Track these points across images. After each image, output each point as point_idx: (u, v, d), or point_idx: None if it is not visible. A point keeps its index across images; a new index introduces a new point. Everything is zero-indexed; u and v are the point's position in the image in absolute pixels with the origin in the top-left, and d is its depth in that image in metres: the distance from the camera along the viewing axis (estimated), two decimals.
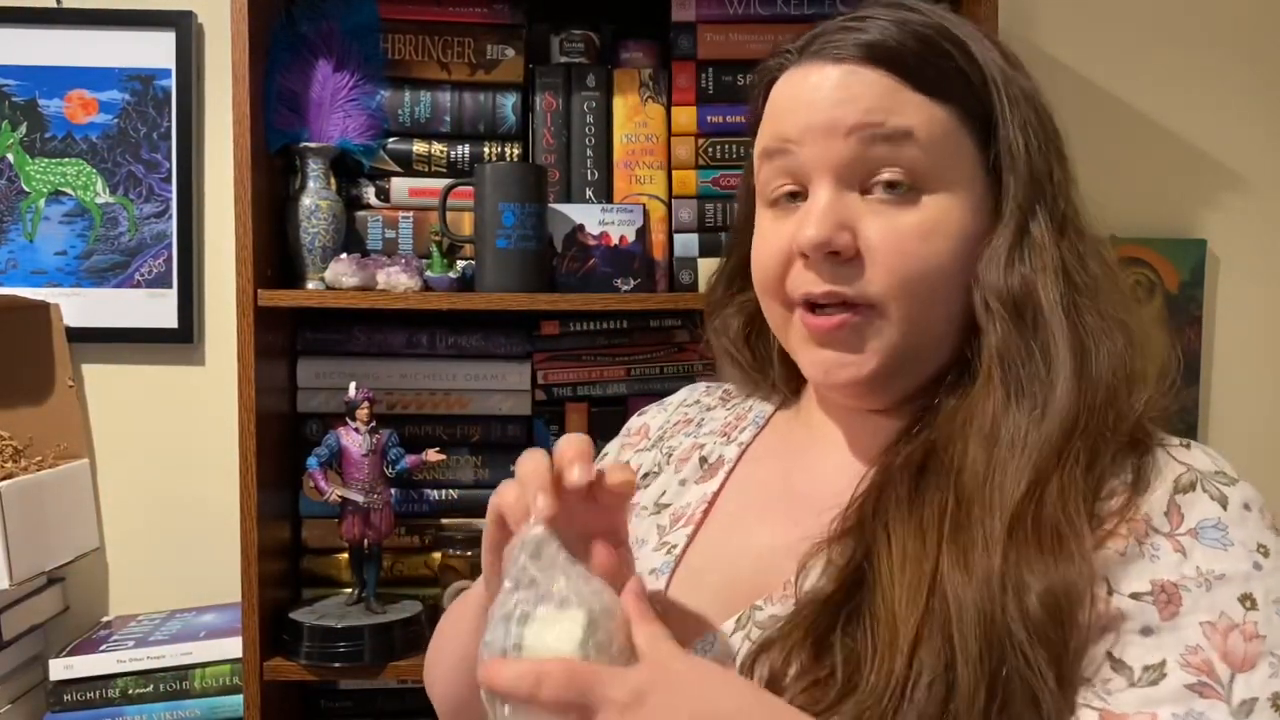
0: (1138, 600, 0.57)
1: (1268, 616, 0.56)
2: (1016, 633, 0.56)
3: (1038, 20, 1.64)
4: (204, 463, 1.58)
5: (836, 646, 0.59)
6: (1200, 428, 1.65)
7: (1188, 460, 0.62)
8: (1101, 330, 0.63)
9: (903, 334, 0.65)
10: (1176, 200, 1.66)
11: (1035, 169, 0.66)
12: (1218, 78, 1.65)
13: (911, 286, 0.64)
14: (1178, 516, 0.59)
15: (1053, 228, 0.65)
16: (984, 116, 0.66)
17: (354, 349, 1.47)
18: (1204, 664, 0.55)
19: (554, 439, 1.48)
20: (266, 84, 1.39)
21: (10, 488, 1.35)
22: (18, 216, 1.58)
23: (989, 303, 0.64)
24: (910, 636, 0.57)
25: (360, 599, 1.39)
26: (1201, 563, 0.58)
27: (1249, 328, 1.67)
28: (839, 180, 0.65)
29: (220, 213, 1.59)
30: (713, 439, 0.81)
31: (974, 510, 0.60)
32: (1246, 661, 0.55)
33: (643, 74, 1.46)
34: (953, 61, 0.65)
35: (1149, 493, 0.60)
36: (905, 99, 0.64)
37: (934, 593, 0.58)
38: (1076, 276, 0.64)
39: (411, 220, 1.47)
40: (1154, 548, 0.58)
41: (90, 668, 1.41)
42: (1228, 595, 0.57)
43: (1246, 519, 0.59)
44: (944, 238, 0.64)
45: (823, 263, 0.64)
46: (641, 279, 1.42)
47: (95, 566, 1.60)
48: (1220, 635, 0.56)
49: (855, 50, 0.65)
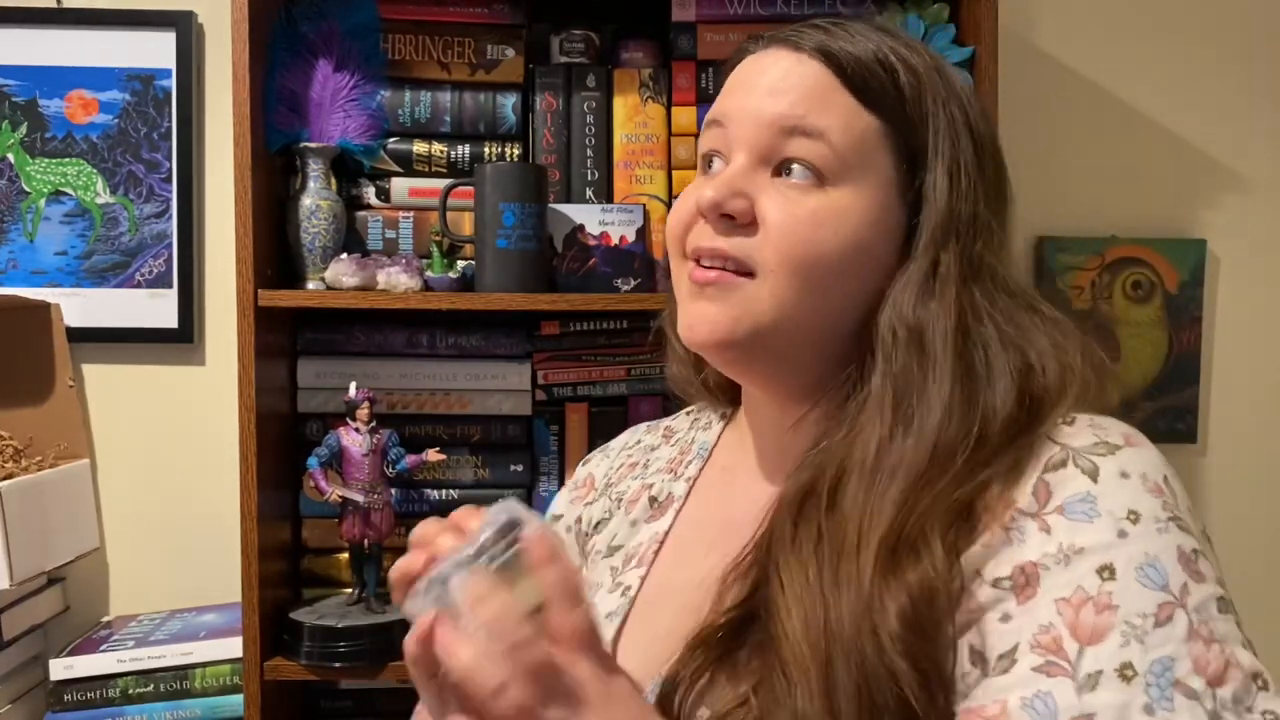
0: (997, 588, 0.57)
1: (1125, 585, 0.55)
2: (887, 656, 0.56)
3: (1038, 20, 1.64)
4: (204, 463, 1.59)
5: (740, 680, 0.60)
6: (1200, 428, 1.65)
7: (1064, 439, 0.61)
8: (1000, 365, 0.64)
9: (772, 309, 0.66)
10: (1176, 200, 1.66)
11: (955, 209, 0.67)
12: (1218, 78, 1.65)
13: (792, 265, 0.65)
14: (1045, 494, 0.59)
15: (964, 269, 0.66)
16: (915, 146, 0.68)
17: (354, 349, 1.47)
18: (1053, 642, 0.55)
19: (554, 439, 1.49)
20: (266, 84, 1.39)
21: (10, 488, 1.35)
22: (18, 216, 1.58)
23: (896, 330, 0.65)
24: (819, 671, 0.57)
25: (360, 599, 1.39)
26: (1064, 538, 0.57)
27: (1249, 328, 1.67)
28: (754, 156, 0.68)
29: (220, 213, 1.59)
30: (660, 477, 0.82)
31: (846, 545, 0.61)
32: (1096, 634, 0.54)
33: (643, 74, 1.46)
34: (894, 79, 0.68)
35: (1021, 478, 0.60)
36: (836, 99, 0.67)
37: (827, 624, 0.58)
38: (985, 315, 0.66)
39: (411, 220, 1.47)
40: (1020, 531, 0.58)
41: (90, 668, 1.41)
42: (1086, 568, 0.56)
43: (1123, 486, 0.58)
44: (833, 231, 0.66)
45: (718, 223, 0.67)
46: (641, 279, 1.43)
47: (95, 566, 1.60)
48: (1073, 609, 0.55)
49: (811, 44, 0.68)
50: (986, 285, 0.67)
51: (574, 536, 0.88)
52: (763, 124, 0.68)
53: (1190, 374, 1.64)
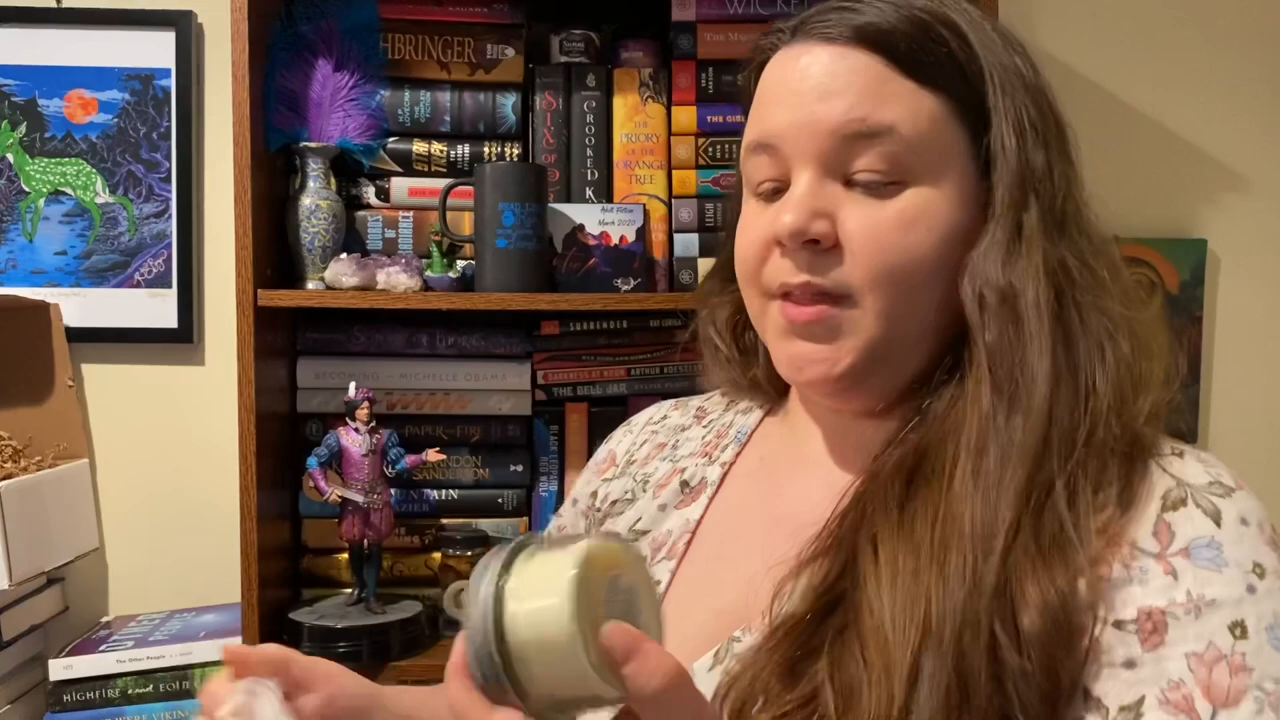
0: (1120, 630, 0.54)
1: (1258, 646, 0.52)
2: (1007, 663, 0.53)
3: (1038, 20, 1.64)
4: (204, 463, 1.58)
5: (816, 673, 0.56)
6: (1200, 428, 1.65)
7: (1178, 473, 0.58)
8: (1104, 332, 0.61)
9: (879, 328, 0.62)
10: (1176, 200, 1.66)
11: (1029, 163, 0.63)
12: (1218, 78, 1.65)
13: (890, 278, 0.61)
14: (1167, 535, 0.56)
15: (1048, 225, 0.62)
16: (977, 107, 0.64)
17: (354, 349, 1.47)
18: (1184, 700, 0.52)
19: (554, 439, 1.49)
20: (266, 84, 1.39)
21: (10, 488, 1.35)
22: (18, 216, 1.58)
23: (985, 299, 0.61)
24: (908, 660, 0.54)
25: (360, 599, 1.39)
26: (1193, 586, 0.54)
27: (1249, 328, 1.67)
28: (820, 169, 0.63)
29: (220, 213, 1.59)
30: (693, 460, 0.78)
31: (965, 524, 0.57)
32: (1231, 697, 0.51)
33: (643, 74, 1.46)
34: (946, 48, 0.63)
35: (1135, 509, 0.57)
36: (893, 88, 0.62)
37: (929, 611, 0.55)
38: (1077, 275, 0.62)
39: (411, 220, 1.47)
40: (1142, 570, 0.55)
41: (90, 668, 1.40)
42: (1218, 623, 0.53)
43: (1244, 535, 0.55)
44: (926, 229, 0.62)
45: (800, 251, 0.63)
46: (641, 279, 1.42)
47: (95, 566, 1.60)
48: (1206, 668, 0.52)
49: (846, 31, 0.63)
50: (1074, 241, 0.63)
51: (579, 512, 0.84)
52: (821, 134, 0.62)
53: (1190, 374, 1.64)
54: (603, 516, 0.81)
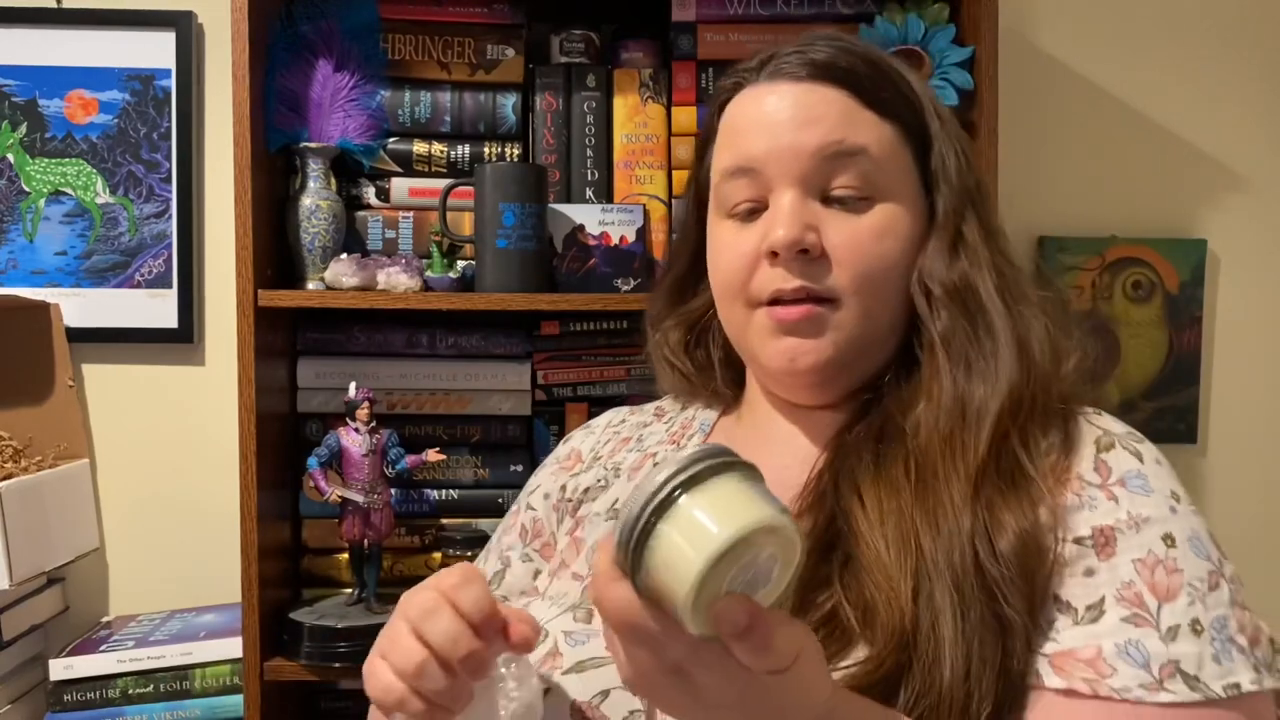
0: (1080, 545, 0.65)
1: (1184, 553, 0.64)
2: (992, 574, 0.62)
3: (1038, 20, 1.64)
4: (204, 463, 1.59)
5: (830, 597, 0.64)
6: (1200, 428, 1.65)
7: (1102, 425, 0.71)
8: (1030, 314, 0.73)
9: (858, 324, 0.73)
10: (1176, 200, 1.66)
11: (965, 181, 0.76)
12: (1218, 78, 1.65)
13: (869, 282, 0.72)
14: (1105, 470, 0.68)
15: (982, 231, 0.75)
16: (920, 133, 0.76)
17: (354, 349, 1.47)
18: (1135, 597, 0.63)
19: (554, 439, 1.49)
20: (266, 84, 1.39)
21: (10, 488, 1.35)
22: (18, 216, 1.58)
23: (933, 294, 0.73)
24: (909, 580, 0.63)
25: (360, 599, 1.39)
26: (1130, 508, 0.65)
27: (1249, 328, 1.67)
28: (802, 188, 0.73)
29: (220, 213, 1.59)
30: (663, 447, 0.85)
31: (938, 468, 0.67)
32: (1170, 593, 0.63)
33: (643, 74, 1.46)
34: (894, 83, 0.75)
35: (1075, 453, 0.69)
36: (860, 117, 0.73)
37: (919, 542, 0.64)
38: (1005, 271, 0.75)
39: (411, 220, 1.47)
40: (1091, 498, 0.66)
41: (90, 668, 1.40)
42: (1153, 535, 0.65)
43: (1159, 471, 0.68)
44: (894, 239, 0.73)
45: (792, 261, 0.72)
46: (642, 279, 1.42)
47: (95, 566, 1.60)
48: (1149, 570, 0.63)
49: (811, 70, 0.73)
50: (999, 241, 0.76)
51: (550, 506, 0.87)
52: (804, 157, 0.72)
53: (1190, 374, 1.64)
54: (576, 504, 0.86)
